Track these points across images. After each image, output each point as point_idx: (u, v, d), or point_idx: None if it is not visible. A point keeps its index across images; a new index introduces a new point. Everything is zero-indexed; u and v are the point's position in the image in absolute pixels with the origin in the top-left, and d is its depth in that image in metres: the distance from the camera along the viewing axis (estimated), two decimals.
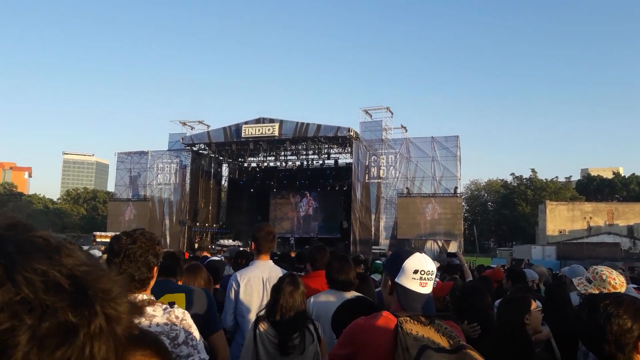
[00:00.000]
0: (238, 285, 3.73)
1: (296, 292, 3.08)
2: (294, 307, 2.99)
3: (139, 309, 0.75)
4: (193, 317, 2.56)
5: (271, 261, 3.94)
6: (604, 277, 3.43)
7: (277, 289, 3.05)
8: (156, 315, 1.98)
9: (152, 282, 2.11)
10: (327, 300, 3.48)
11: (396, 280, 1.92)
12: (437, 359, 1.68)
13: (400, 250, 2.06)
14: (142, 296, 2.02)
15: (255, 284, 3.68)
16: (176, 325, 1.98)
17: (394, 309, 1.91)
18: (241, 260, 5.91)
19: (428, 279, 1.92)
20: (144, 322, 1.90)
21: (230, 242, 31.04)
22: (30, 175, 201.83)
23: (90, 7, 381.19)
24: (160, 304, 2.04)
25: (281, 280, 3.17)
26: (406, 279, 1.90)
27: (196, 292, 2.77)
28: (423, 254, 1.99)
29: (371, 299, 3.30)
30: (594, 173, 76.68)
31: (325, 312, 3.26)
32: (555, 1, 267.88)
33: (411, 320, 1.81)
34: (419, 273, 1.90)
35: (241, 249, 11.30)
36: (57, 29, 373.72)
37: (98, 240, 31.05)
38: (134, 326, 1.09)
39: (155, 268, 2.08)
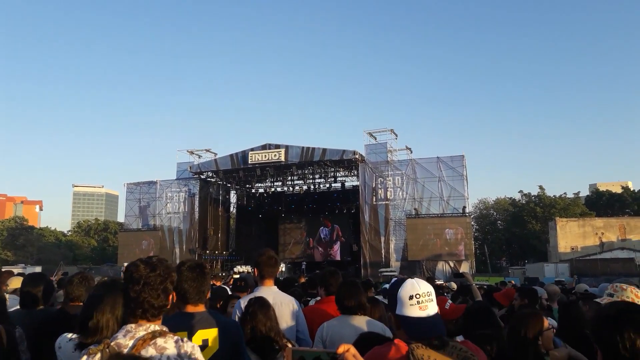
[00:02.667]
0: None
1: (268, 313, 3.09)
2: (271, 328, 3.00)
3: None
4: (222, 350, 2.55)
5: (275, 287, 3.85)
6: (624, 286, 3.46)
7: (250, 315, 3.05)
8: (167, 347, 1.93)
9: (166, 310, 2.10)
10: (339, 325, 3.46)
11: (397, 312, 1.93)
12: None
13: (393, 284, 2.06)
14: (154, 327, 2.00)
15: None
16: None
17: (406, 339, 1.90)
18: (240, 283, 5.95)
19: (426, 300, 1.91)
20: (154, 353, 1.88)
21: (244, 268, 30.88)
22: (41, 209, 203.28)
23: (96, 36, 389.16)
24: (171, 336, 2.00)
25: (249, 305, 3.17)
26: (405, 308, 1.90)
27: (230, 326, 2.72)
28: (415, 278, 2.00)
29: (381, 334, 3.27)
30: (602, 188, 76.04)
31: (339, 337, 3.24)
32: (558, 17, 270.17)
33: (422, 346, 1.79)
34: (415, 298, 1.90)
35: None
36: (63, 60, 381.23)
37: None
38: (144, 359, 1.12)
39: (171, 296, 2.08)
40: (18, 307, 3.93)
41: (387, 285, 8.79)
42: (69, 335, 2.63)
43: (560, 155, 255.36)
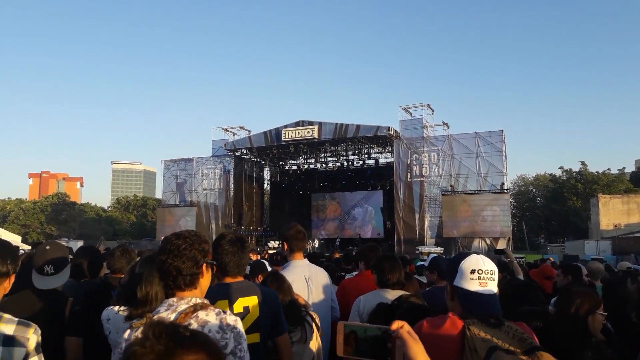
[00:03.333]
0: (291, 289, 3.74)
1: (283, 287, 3.11)
2: (286, 302, 3.01)
3: None
4: (264, 319, 2.57)
5: (306, 260, 3.93)
6: None
7: None
8: (209, 320, 1.92)
9: (204, 282, 2.08)
10: (374, 299, 3.47)
11: (454, 283, 1.89)
12: None
13: (457, 255, 2.03)
14: (195, 299, 1.99)
15: (300, 283, 3.66)
16: (227, 333, 1.93)
17: (451, 307, 1.88)
18: (276, 257, 6.16)
19: (488, 278, 1.87)
20: (196, 326, 1.87)
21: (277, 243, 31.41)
22: (82, 185, 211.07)
23: (136, 16, 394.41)
24: (213, 309, 1.99)
25: (264, 281, 3.20)
26: (464, 281, 1.87)
27: (268, 295, 2.71)
28: (482, 255, 1.95)
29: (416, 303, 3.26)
30: None
31: (371, 309, 3.30)
32: None
33: (479, 323, 1.76)
34: (477, 272, 1.86)
35: None
36: (103, 39, 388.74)
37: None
38: (184, 327, 1.10)
39: (205, 266, 2.05)
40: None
41: (422, 263, 8.70)
42: (116, 307, 2.70)
43: (604, 130, 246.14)
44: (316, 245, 29.37)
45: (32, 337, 2.01)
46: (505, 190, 30.59)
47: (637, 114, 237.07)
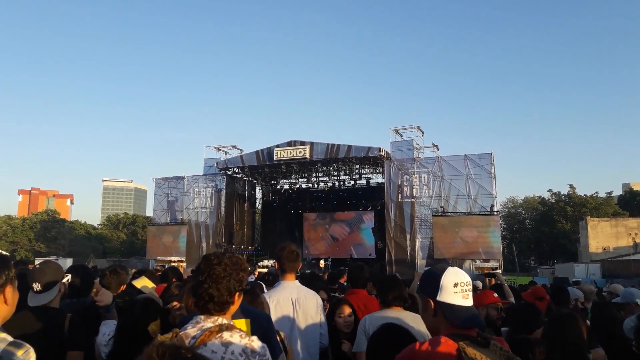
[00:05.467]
0: (268, 307, 3.73)
1: (255, 302, 3.07)
2: None
3: None
4: None
5: (297, 281, 3.85)
6: None
7: None
8: (233, 341, 1.90)
9: (234, 308, 2.07)
10: (381, 318, 3.48)
11: (438, 299, 1.87)
12: None
13: (432, 269, 2.00)
14: (223, 320, 1.98)
15: (285, 305, 3.60)
16: (248, 357, 1.89)
17: (447, 332, 1.84)
18: (268, 277, 6.13)
19: (468, 290, 1.88)
20: (219, 346, 1.86)
21: (271, 262, 31.16)
22: (72, 202, 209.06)
23: (127, 32, 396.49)
24: (238, 331, 1.98)
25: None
26: (448, 295, 1.85)
27: (260, 317, 2.71)
28: (455, 267, 1.96)
29: (404, 326, 3.30)
30: (636, 187, 73.79)
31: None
32: (593, 20, 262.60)
33: (470, 343, 1.76)
34: (459, 286, 1.86)
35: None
36: (94, 56, 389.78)
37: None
38: (186, 349, 1.14)
39: (237, 294, 2.04)
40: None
41: None
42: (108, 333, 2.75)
43: (592, 153, 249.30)
44: (322, 266, 29.10)
45: (20, 358, 1.89)
46: (495, 212, 30.80)
47: (624, 138, 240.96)
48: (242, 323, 2.55)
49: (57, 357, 2.79)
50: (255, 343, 1.95)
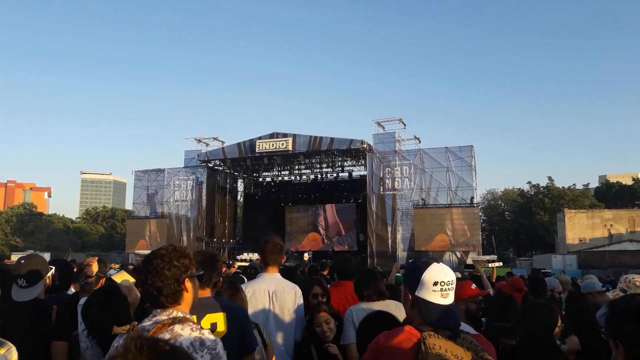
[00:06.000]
0: (247, 303, 3.70)
1: (235, 297, 3.07)
2: None
3: None
4: (230, 337, 2.50)
5: (278, 274, 3.82)
6: (638, 283, 3.40)
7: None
8: (182, 334, 1.89)
9: (189, 296, 2.05)
10: (367, 309, 3.52)
11: (416, 294, 1.86)
12: None
13: (417, 262, 1.98)
14: (177, 313, 1.97)
15: (261, 296, 3.60)
16: (199, 352, 1.88)
17: (417, 323, 1.85)
18: (250, 270, 6.10)
19: (449, 289, 1.86)
20: (167, 337, 1.84)
21: (252, 255, 31.02)
22: (49, 195, 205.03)
23: (105, 27, 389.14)
24: (190, 323, 1.96)
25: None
26: (426, 292, 1.84)
27: (236, 311, 2.68)
28: (441, 263, 1.93)
29: (390, 313, 3.33)
30: (612, 179, 75.43)
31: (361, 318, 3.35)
32: (568, 13, 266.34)
33: (435, 335, 1.75)
34: (439, 285, 1.84)
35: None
36: (73, 49, 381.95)
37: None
38: (164, 342, 1.14)
39: (187, 281, 2.03)
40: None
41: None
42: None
43: (570, 146, 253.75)
44: (305, 259, 29.10)
45: (9, 355, 1.93)
46: (475, 205, 31.19)
47: (601, 131, 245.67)
48: (219, 317, 2.56)
49: (43, 348, 2.85)
50: (206, 336, 1.94)
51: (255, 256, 27.84)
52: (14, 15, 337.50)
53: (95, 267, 4.36)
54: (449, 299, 1.86)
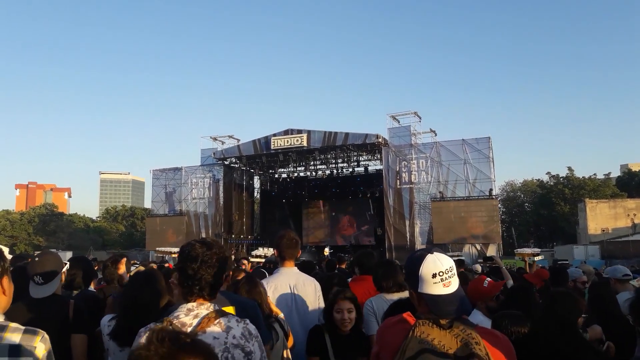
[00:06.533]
0: (266, 294, 3.74)
1: (254, 291, 3.11)
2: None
3: None
4: None
5: (296, 268, 3.89)
6: None
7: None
8: (232, 327, 1.94)
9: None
10: (385, 299, 3.60)
11: (419, 290, 1.84)
12: None
13: (411, 258, 1.95)
14: (214, 306, 2.01)
15: (283, 291, 3.66)
16: (250, 341, 1.94)
17: (421, 311, 1.85)
18: (269, 265, 6.14)
19: (450, 276, 1.82)
20: (220, 332, 1.89)
21: (266, 250, 31.13)
22: (69, 196, 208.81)
23: (122, 29, 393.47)
24: (233, 316, 2.01)
25: (239, 284, 3.21)
26: (428, 286, 1.82)
27: (246, 304, 2.73)
28: (435, 253, 1.88)
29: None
30: (634, 168, 73.97)
31: (382, 308, 3.42)
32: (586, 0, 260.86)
33: (429, 323, 1.73)
34: (438, 276, 1.81)
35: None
36: (85, 48, 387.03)
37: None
38: (186, 334, 1.17)
39: (225, 275, 2.10)
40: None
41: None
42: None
43: (590, 135, 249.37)
44: (326, 253, 29.13)
45: (40, 345, 1.94)
46: (494, 197, 30.86)
47: (622, 119, 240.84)
48: (229, 310, 2.60)
49: (63, 343, 2.87)
50: (250, 325, 2.01)
51: (270, 251, 27.97)
52: (34, 13, 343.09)
53: (123, 268, 4.40)
54: (452, 287, 1.82)
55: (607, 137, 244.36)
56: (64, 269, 3.24)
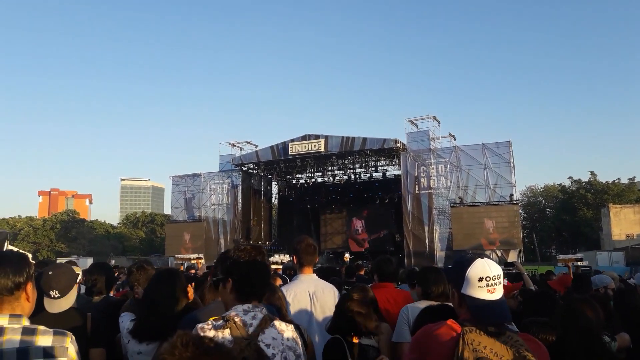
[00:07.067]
0: (285, 301, 3.68)
1: (273, 297, 3.12)
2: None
3: None
4: None
5: (315, 274, 3.86)
6: None
7: None
8: (285, 330, 2.03)
9: None
10: (422, 307, 3.50)
11: (462, 291, 1.85)
12: None
13: (461, 259, 1.98)
14: (264, 309, 2.10)
15: (302, 298, 3.63)
16: (298, 345, 2.05)
17: (463, 318, 1.85)
18: (290, 272, 6.13)
19: (495, 284, 1.82)
20: (276, 334, 1.98)
21: (283, 257, 31.12)
22: (90, 202, 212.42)
23: (143, 38, 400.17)
24: (280, 320, 2.11)
25: None
26: (472, 289, 1.82)
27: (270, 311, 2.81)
28: (485, 258, 1.91)
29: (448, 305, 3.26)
30: None
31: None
32: (609, 2, 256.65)
33: (476, 331, 1.72)
34: (485, 280, 1.81)
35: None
36: (105, 56, 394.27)
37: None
38: (209, 339, 1.19)
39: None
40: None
41: None
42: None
43: (613, 139, 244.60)
44: (346, 259, 29.08)
45: (71, 346, 2.02)
46: (515, 202, 30.40)
47: None
48: None
49: (81, 357, 2.84)
50: (296, 330, 2.13)
51: (286, 257, 27.98)
52: (47, 21, 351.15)
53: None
54: (496, 294, 1.82)
55: (630, 140, 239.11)
56: (78, 279, 3.23)
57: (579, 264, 11.81)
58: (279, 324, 2.03)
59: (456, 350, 1.67)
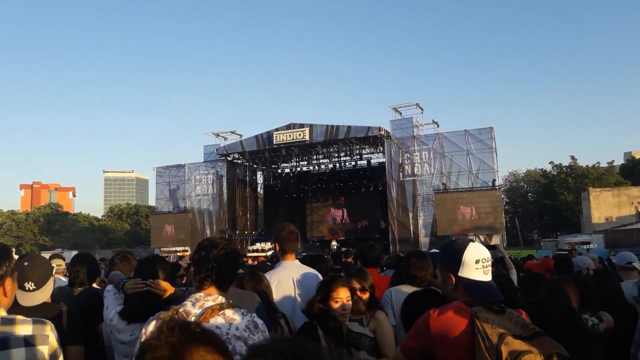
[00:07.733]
0: (271, 289, 3.63)
1: (259, 285, 3.11)
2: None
3: None
4: None
5: (297, 261, 3.86)
6: None
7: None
8: (236, 319, 1.96)
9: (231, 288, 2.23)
10: (403, 292, 3.51)
11: (459, 274, 1.92)
12: (517, 345, 1.67)
13: (453, 243, 2.04)
14: (222, 299, 2.05)
15: (286, 284, 3.61)
16: (255, 335, 1.95)
17: (464, 300, 1.89)
18: (276, 260, 6.14)
19: (488, 265, 1.93)
20: (223, 323, 1.92)
21: (263, 245, 30.91)
22: (74, 195, 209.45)
23: (123, 28, 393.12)
24: (239, 309, 2.03)
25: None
26: (469, 271, 1.90)
27: (245, 296, 2.74)
28: (476, 242, 2.00)
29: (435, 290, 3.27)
30: (638, 156, 73.59)
31: (401, 301, 3.30)
32: None
33: (485, 310, 1.80)
34: (481, 262, 1.90)
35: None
36: (85, 47, 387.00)
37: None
38: (195, 324, 1.20)
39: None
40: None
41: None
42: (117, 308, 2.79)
43: (593, 123, 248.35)
44: (333, 247, 29.12)
45: (51, 334, 1.99)
46: (497, 187, 30.82)
47: (625, 107, 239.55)
48: None
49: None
50: (257, 319, 2.03)
51: (267, 245, 27.90)
52: (32, 14, 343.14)
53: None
54: (489, 275, 1.92)
55: (610, 125, 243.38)
56: (62, 271, 3.16)
57: (585, 247, 12.08)
58: (230, 313, 1.96)
59: (476, 329, 1.73)
